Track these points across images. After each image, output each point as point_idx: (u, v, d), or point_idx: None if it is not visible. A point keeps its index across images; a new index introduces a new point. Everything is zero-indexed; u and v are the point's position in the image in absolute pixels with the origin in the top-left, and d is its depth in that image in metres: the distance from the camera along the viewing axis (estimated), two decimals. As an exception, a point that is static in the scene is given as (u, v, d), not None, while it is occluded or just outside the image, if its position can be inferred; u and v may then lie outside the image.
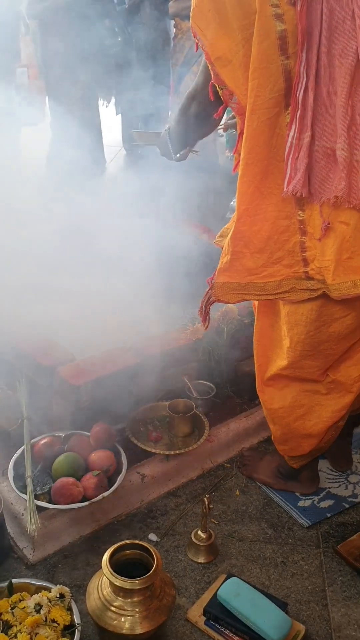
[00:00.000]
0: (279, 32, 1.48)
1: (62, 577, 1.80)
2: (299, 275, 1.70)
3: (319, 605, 1.79)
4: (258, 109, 1.54)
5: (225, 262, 1.74)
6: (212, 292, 1.80)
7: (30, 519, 1.78)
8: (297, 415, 1.94)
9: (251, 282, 1.74)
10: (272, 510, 2.11)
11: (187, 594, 1.79)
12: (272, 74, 1.51)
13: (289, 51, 1.49)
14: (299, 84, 1.50)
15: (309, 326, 1.75)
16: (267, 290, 1.74)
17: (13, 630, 1.54)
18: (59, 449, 2.02)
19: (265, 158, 1.59)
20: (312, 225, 1.63)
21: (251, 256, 1.71)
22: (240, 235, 1.69)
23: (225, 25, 1.51)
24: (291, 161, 1.56)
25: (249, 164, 1.60)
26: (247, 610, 1.64)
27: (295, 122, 1.53)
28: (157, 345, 2.30)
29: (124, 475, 2.00)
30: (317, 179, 1.57)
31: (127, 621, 1.52)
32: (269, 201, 1.64)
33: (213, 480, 2.22)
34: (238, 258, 1.72)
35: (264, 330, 1.93)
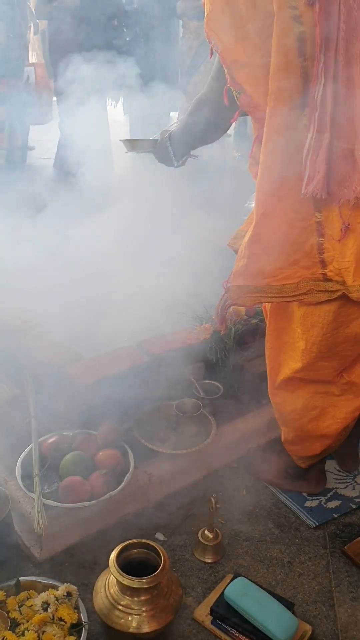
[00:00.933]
0: (297, 33, 1.47)
1: (69, 576, 1.80)
2: (317, 277, 1.69)
3: (325, 605, 1.78)
4: (278, 112, 1.53)
5: (241, 266, 1.74)
6: (229, 296, 1.79)
7: (37, 518, 1.78)
8: (311, 417, 1.93)
9: (268, 285, 1.73)
10: (279, 511, 2.11)
11: (194, 593, 1.79)
12: (291, 77, 1.50)
13: (307, 53, 1.49)
14: (317, 85, 1.49)
15: (326, 328, 1.75)
16: (284, 293, 1.73)
17: (20, 628, 1.55)
18: (67, 448, 2.03)
19: (284, 161, 1.59)
20: (331, 226, 1.63)
21: (268, 259, 1.70)
22: (257, 238, 1.68)
23: (241, 29, 1.51)
24: (310, 163, 1.55)
25: (269, 167, 1.60)
26: (254, 610, 1.64)
27: (313, 124, 1.52)
28: (164, 345, 2.31)
29: (131, 474, 2.00)
30: (335, 180, 1.56)
31: (134, 620, 1.53)
32: (285, 203, 1.64)
33: (220, 480, 2.22)
34: (255, 261, 1.71)
35: (276, 334, 1.92)
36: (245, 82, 1.57)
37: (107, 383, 2.10)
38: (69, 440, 2.08)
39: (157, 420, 2.30)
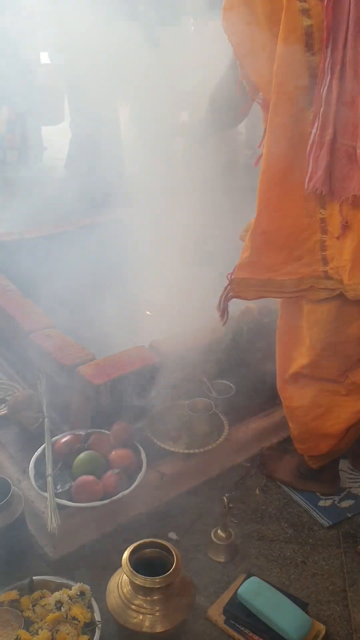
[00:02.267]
0: (305, 27, 1.46)
1: (83, 575, 1.80)
2: (318, 274, 1.68)
3: (339, 605, 1.78)
4: (281, 105, 1.53)
5: (245, 258, 1.73)
6: (231, 288, 1.79)
7: (51, 517, 1.79)
8: (316, 414, 1.93)
9: (270, 279, 1.73)
10: (292, 510, 2.10)
11: (207, 593, 1.79)
12: (296, 70, 1.49)
13: (315, 47, 1.48)
14: (323, 80, 1.48)
15: (328, 326, 1.74)
16: (286, 288, 1.73)
17: (34, 627, 1.56)
18: (80, 448, 2.03)
19: (287, 154, 1.58)
20: (333, 223, 1.62)
21: (271, 253, 1.70)
22: (260, 231, 1.68)
23: (254, 22, 1.50)
24: (312, 158, 1.55)
25: (271, 159, 1.59)
26: (267, 610, 1.64)
27: (318, 119, 1.52)
28: (176, 344, 2.31)
29: (144, 473, 2.00)
30: (337, 177, 1.56)
31: (147, 619, 1.53)
32: (290, 198, 1.63)
33: (233, 480, 2.22)
34: (258, 254, 1.71)
35: (287, 328, 1.92)
36: (254, 75, 1.57)
37: (119, 383, 2.10)
38: (82, 439, 2.08)
39: (170, 419, 2.30)
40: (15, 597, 1.64)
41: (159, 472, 2.09)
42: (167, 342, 2.32)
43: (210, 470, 2.22)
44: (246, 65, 1.57)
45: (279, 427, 2.42)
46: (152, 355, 2.24)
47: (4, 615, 1.59)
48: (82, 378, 2.09)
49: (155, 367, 2.21)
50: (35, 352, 2.30)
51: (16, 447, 2.16)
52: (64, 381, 2.17)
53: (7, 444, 2.17)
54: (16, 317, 2.43)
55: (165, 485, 2.09)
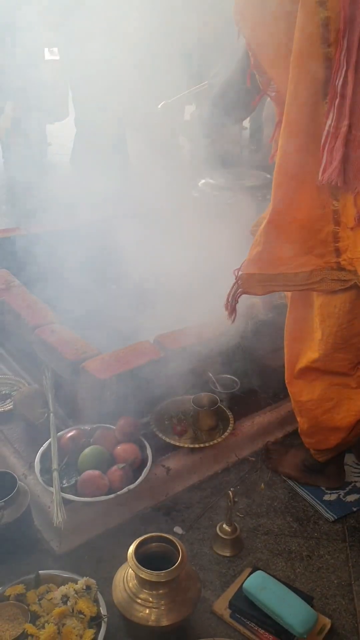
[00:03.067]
0: (321, 19, 1.45)
1: (89, 569, 1.81)
2: (330, 266, 1.68)
3: (345, 599, 1.78)
4: (297, 97, 1.52)
5: (255, 253, 1.73)
6: (239, 284, 1.79)
7: (56, 512, 1.80)
8: (326, 408, 1.93)
9: (282, 273, 1.73)
10: (298, 504, 2.10)
11: (213, 587, 1.80)
12: (313, 62, 1.49)
13: (331, 39, 1.47)
14: (339, 72, 1.47)
15: (342, 318, 1.74)
16: (297, 281, 1.72)
17: (40, 621, 1.57)
18: (85, 442, 2.04)
19: (302, 147, 1.58)
20: (346, 215, 1.62)
21: (283, 246, 1.70)
22: (274, 224, 1.67)
23: (268, 12, 1.50)
24: (327, 150, 1.54)
25: (287, 152, 1.59)
26: (273, 604, 1.64)
27: (333, 111, 1.51)
28: (181, 339, 2.31)
29: (149, 468, 2.01)
30: (352, 168, 1.55)
31: (153, 613, 1.54)
32: (303, 190, 1.63)
33: (238, 474, 2.22)
34: (270, 249, 1.71)
35: (295, 322, 1.92)
36: (268, 66, 1.56)
37: (125, 378, 2.10)
38: (87, 434, 2.09)
39: (175, 414, 2.30)
40: (22, 591, 1.65)
41: (165, 466, 2.10)
42: (172, 337, 2.32)
43: (215, 465, 2.22)
44: (260, 56, 1.56)
45: (284, 421, 2.42)
46: (157, 350, 2.24)
47: (11, 609, 1.60)
48: (87, 373, 2.09)
49: (160, 362, 2.21)
50: (40, 348, 2.31)
51: (22, 442, 2.17)
52: (69, 376, 2.17)
53: (12, 439, 2.18)
54: (21, 313, 2.44)
55: (171, 480, 2.10)
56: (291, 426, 2.44)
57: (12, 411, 2.26)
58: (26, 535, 1.85)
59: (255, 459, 2.29)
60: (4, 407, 2.32)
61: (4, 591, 1.65)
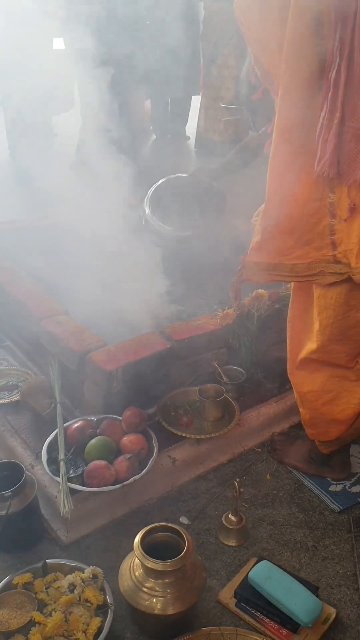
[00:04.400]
0: (314, 12, 1.46)
1: (95, 558, 1.82)
2: (327, 259, 1.68)
3: (350, 589, 1.79)
4: (291, 89, 1.53)
5: (255, 242, 1.74)
6: (244, 271, 1.80)
7: (63, 501, 1.81)
8: (325, 400, 1.93)
9: (281, 263, 1.74)
10: (303, 495, 2.11)
11: (218, 576, 1.81)
12: (305, 55, 1.50)
13: (324, 32, 1.48)
14: (332, 64, 1.48)
15: (337, 310, 1.74)
16: (296, 272, 1.73)
17: (48, 609, 1.59)
18: (91, 433, 2.05)
19: (297, 139, 1.58)
20: (341, 207, 1.62)
21: (281, 237, 1.70)
22: (270, 215, 1.68)
23: (265, 8, 1.52)
24: (321, 142, 1.55)
25: (280, 143, 1.60)
26: (278, 593, 1.65)
27: (326, 103, 1.52)
28: (187, 331, 2.31)
29: (155, 458, 2.02)
30: (345, 160, 1.55)
31: (159, 602, 1.55)
32: (300, 182, 1.63)
33: (244, 465, 2.23)
34: (268, 238, 1.72)
35: (297, 313, 1.92)
36: (265, 60, 1.57)
37: (131, 369, 2.11)
38: (94, 425, 2.10)
39: (181, 405, 2.31)
40: (29, 579, 1.67)
41: (170, 457, 2.11)
42: (177, 328, 2.33)
43: (221, 456, 2.23)
44: (257, 51, 1.58)
45: (290, 412, 2.42)
46: (163, 341, 2.24)
47: (18, 597, 1.62)
48: (93, 364, 2.10)
49: (166, 353, 2.21)
50: (46, 339, 2.32)
51: (29, 432, 2.18)
52: (75, 367, 2.18)
53: (20, 430, 2.19)
54: (27, 304, 2.44)
55: (177, 470, 2.11)
56: (297, 417, 2.44)
57: (19, 402, 2.27)
58: (33, 524, 1.87)
59: (261, 450, 2.30)
60: (11, 397, 2.33)
61: (12, 579, 1.67)
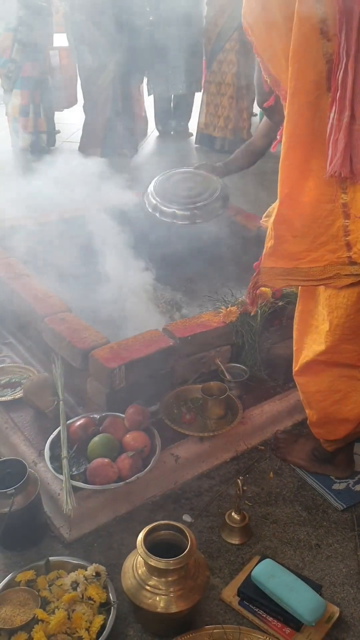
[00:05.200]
0: (319, 15, 1.48)
1: (98, 556, 1.83)
2: (342, 261, 1.68)
3: (353, 587, 1.78)
4: (298, 92, 1.54)
5: (269, 247, 1.74)
6: (259, 277, 1.80)
7: (66, 499, 1.81)
8: (334, 400, 1.93)
9: (296, 268, 1.73)
10: (307, 493, 2.11)
11: (221, 574, 1.81)
12: (312, 57, 1.51)
13: (330, 33, 1.49)
14: (339, 65, 1.49)
15: (350, 309, 1.74)
16: (311, 276, 1.72)
17: (51, 607, 1.59)
18: (94, 430, 2.05)
19: (307, 141, 1.59)
20: (355, 207, 1.61)
21: (294, 240, 1.70)
22: (282, 219, 1.68)
23: (271, 18, 1.53)
24: (332, 142, 1.55)
25: (290, 147, 1.59)
26: (282, 592, 1.65)
27: (335, 103, 1.52)
28: (190, 328, 2.30)
29: (158, 456, 2.01)
30: (358, 158, 1.55)
31: (162, 600, 1.55)
32: (312, 184, 1.63)
33: (247, 463, 2.22)
34: (281, 242, 1.71)
35: (303, 316, 1.92)
36: (273, 68, 1.59)
37: (134, 366, 2.11)
38: (97, 422, 2.10)
39: (184, 403, 2.31)
40: (32, 577, 1.67)
41: (173, 455, 2.10)
42: (180, 325, 2.32)
43: (224, 454, 2.23)
44: (265, 59, 1.60)
45: (294, 410, 2.42)
46: (166, 338, 2.24)
47: (21, 595, 1.62)
48: (96, 361, 2.10)
49: (169, 350, 2.21)
50: (49, 336, 2.31)
51: (32, 429, 2.18)
52: (78, 365, 2.18)
53: (22, 427, 2.19)
54: (31, 301, 2.44)
55: (180, 468, 2.10)
56: (300, 415, 2.44)
57: (22, 399, 2.26)
58: (36, 522, 1.87)
59: (265, 448, 2.29)
60: (14, 395, 2.32)
61: (15, 577, 1.67)
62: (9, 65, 5.60)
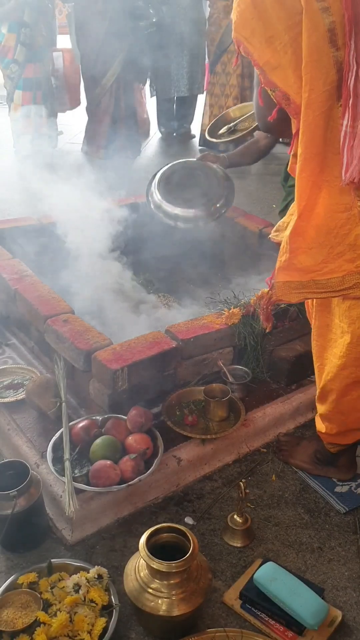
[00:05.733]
0: (327, 24, 1.48)
1: (100, 558, 1.82)
2: None
3: (356, 591, 1.78)
4: (313, 103, 1.53)
5: (284, 261, 1.72)
6: (273, 292, 1.78)
7: (68, 501, 1.81)
8: (358, 417, 1.94)
9: (312, 280, 1.71)
10: (309, 496, 2.10)
11: (223, 577, 1.80)
12: (323, 67, 1.50)
13: (339, 42, 1.49)
14: (350, 72, 1.49)
15: None
16: (330, 287, 1.70)
17: (53, 609, 1.58)
18: (97, 432, 2.05)
19: (322, 152, 1.58)
20: None
21: (310, 252, 1.68)
22: (299, 231, 1.66)
23: (270, 29, 1.51)
24: (347, 150, 1.53)
25: (307, 159, 1.58)
26: (284, 595, 1.65)
27: (348, 111, 1.51)
28: (192, 330, 2.30)
29: (161, 458, 2.01)
30: None
31: (164, 603, 1.54)
32: (325, 194, 1.62)
33: (249, 465, 2.22)
34: (297, 255, 1.69)
35: (320, 331, 1.90)
36: (278, 80, 1.56)
37: (136, 368, 2.10)
38: (99, 424, 2.09)
39: (186, 405, 2.30)
40: (34, 579, 1.67)
41: (176, 457, 2.10)
42: (183, 327, 2.32)
43: (226, 456, 2.22)
44: (269, 72, 1.56)
45: (296, 412, 2.41)
46: (169, 340, 2.24)
47: (23, 597, 1.61)
48: (99, 363, 2.10)
49: (172, 352, 2.21)
50: (52, 337, 2.31)
51: (34, 431, 2.18)
52: (81, 366, 2.18)
53: (25, 429, 2.19)
54: (34, 303, 2.44)
55: (182, 471, 2.10)
56: (303, 417, 2.44)
57: (24, 400, 2.26)
58: (38, 524, 1.86)
59: (267, 450, 2.29)
60: (17, 396, 2.32)
61: (17, 579, 1.67)
62: (11, 66, 5.61)
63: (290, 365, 2.44)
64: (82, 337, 2.21)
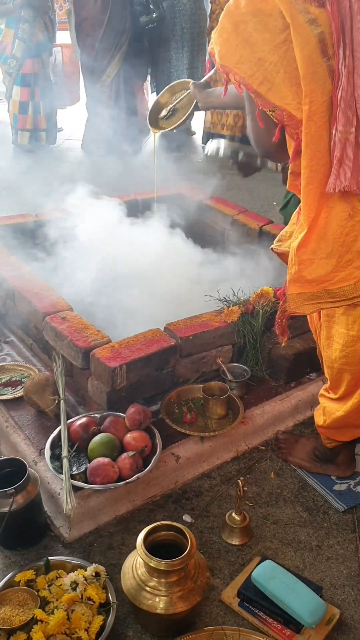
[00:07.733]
0: (316, 35, 1.49)
1: (98, 556, 1.82)
2: None
3: (354, 589, 1.78)
4: (314, 114, 1.53)
5: (293, 273, 1.71)
6: (287, 305, 1.77)
7: (66, 499, 1.80)
8: None
9: (324, 290, 1.71)
10: (307, 494, 2.10)
11: (221, 575, 1.80)
12: (320, 77, 1.51)
13: (329, 52, 1.50)
14: (339, 81, 1.50)
15: None
16: (343, 295, 1.70)
17: (50, 607, 1.58)
18: (95, 430, 2.04)
19: (326, 162, 1.58)
20: None
21: (319, 263, 1.68)
22: (307, 242, 1.66)
23: (258, 52, 1.52)
24: (336, 158, 1.54)
25: (313, 171, 1.58)
26: (282, 593, 1.64)
27: (335, 119, 1.52)
28: (191, 328, 2.30)
29: (159, 456, 2.01)
30: None
31: (162, 601, 1.54)
32: (330, 204, 1.62)
33: (248, 463, 2.22)
34: (306, 267, 1.69)
35: (329, 342, 1.87)
36: (276, 99, 1.56)
37: (134, 365, 2.10)
38: (98, 422, 2.09)
39: (185, 402, 2.30)
40: (32, 576, 1.66)
41: (174, 454, 2.10)
42: (182, 325, 2.32)
43: (225, 454, 2.22)
44: (265, 93, 1.56)
45: (295, 410, 2.41)
46: (167, 338, 2.23)
47: (21, 595, 1.61)
48: (97, 361, 2.09)
49: (171, 350, 2.20)
50: (51, 335, 2.31)
51: (32, 429, 2.18)
52: (79, 364, 2.17)
53: (23, 426, 2.19)
54: (32, 300, 2.43)
55: (180, 468, 2.10)
56: (302, 415, 2.44)
57: (22, 398, 2.26)
58: (36, 521, 1.86)
59: (265, 448, 2.29)
60: (15, 393, 2.32)
61: (15, 576, 1.67)
62: (9, 61, 5.59)
63: (289, 363, 2.44)
64: (81, 334, 2.21)
